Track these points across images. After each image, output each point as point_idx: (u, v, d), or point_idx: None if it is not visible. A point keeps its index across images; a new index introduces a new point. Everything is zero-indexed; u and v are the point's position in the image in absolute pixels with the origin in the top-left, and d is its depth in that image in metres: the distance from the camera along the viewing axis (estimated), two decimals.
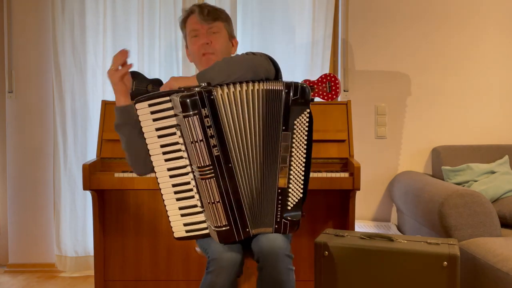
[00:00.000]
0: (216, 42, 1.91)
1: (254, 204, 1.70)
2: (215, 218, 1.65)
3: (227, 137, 1.63)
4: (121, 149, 1.91)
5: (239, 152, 1.66)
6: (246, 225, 1.67)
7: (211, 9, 1.94)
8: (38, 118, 3.32)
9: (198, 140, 1.58)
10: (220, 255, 1.67)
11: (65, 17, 3.20)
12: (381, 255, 1.92)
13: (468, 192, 2.37)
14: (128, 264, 2.75)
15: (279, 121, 1.66)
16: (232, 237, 1.67)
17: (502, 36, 3.30)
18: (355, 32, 3.29)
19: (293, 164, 1.69)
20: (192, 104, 1.56)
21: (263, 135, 1.68)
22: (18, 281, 3.14)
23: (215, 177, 1.61)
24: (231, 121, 1.64)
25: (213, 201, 1.63)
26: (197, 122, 1.57)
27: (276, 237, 1.71)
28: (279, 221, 1.71)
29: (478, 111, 3.31)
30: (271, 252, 1.68)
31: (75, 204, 3.24)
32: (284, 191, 1.69)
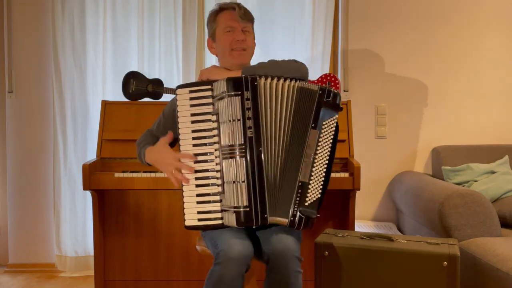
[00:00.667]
0: (249, 41, 2.00)
1: (275, 191, 1.73)
2: (237, 198, 1.68)
3: (261, 123, 1.71)
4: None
5: (269, 138, 1.73)
6: (265, 210, 1.69)
7: (246, 10, 2.03)
8: (38, 118, 3.32)
9: (236, 119, 1.68)
10: (230, 247, 1.67)
11: (65, 17, 3.20)
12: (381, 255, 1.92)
13: (468, 192, 2.37)
14: (128, 264, 2.75)
15: (309, 118, 1.75)
16: (250, 221, 1.68)
17: (502, 37, 3.30)
18: (355, 32, 3.29)
19: (316, 162, 1.75)
20: (237, 85, 1.69)
21: (291, 128, 1.75)
22: (18, 281, 3.14)
23: (245, 157, 1.68)
24: (268, 109, 1.73)
25: (239, 180, 1.67)
26: (238, 102, 1.68)
27: (287, 238, 1.73)
28: (295, 213, 1.73)
29: (478, 111, 3.31)
30: (283, 253, 1.70)
31: (75, 204, 3.24)
32: (304, 185, 1.74)
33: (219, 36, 2.02)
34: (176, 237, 2.75)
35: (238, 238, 1.72)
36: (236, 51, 1.97)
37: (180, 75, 3.26)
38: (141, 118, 2.72)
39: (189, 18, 3.24)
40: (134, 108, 2.75)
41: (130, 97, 2.89)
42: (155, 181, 2.47)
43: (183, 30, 3.24)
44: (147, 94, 2.93)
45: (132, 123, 2.71)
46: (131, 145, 2.64)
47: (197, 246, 2.07)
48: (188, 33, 3.24)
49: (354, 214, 2.55)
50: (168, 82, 3.21)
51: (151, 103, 2.82)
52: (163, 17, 3.25)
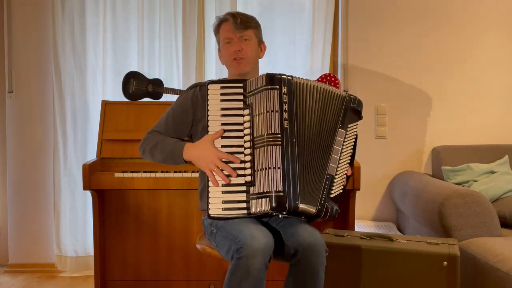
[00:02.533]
0: (247, 49, 2.05)
1: (306, 181, 1.81)
2: (271, 183, 1.74)
3: (295, 116, 1.81)
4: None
5: (302, 131, 1.83)
6: (296, 197, 1.76)
7: (243, 18, 2.06)
8: (38, 118, 3.32)
9: (274, 110, 1.78)
10: (254, 238, 1.70)
11: (65, 17, 3.20)
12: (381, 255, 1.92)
13: (468, 192, 2.37)
14: (128, 264, 2.75)
15: (338, 119, 1.90)
16: (282, 205, 1.73)
17: (502, 36, 3.30)
18: (355, 32, 3.29)
19: (342, 159, 1.89)
20: (277, 80, 1.81)
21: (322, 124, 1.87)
22: (18, 281, 3.14)
23: (281, 145, 1.76)
24: (301, 105, 1.84)
25: (275, 166, 1.75)
26: (276, 95, 1.78)
27: (315, 232, 1.81)
28: (323, 203, 1.81)
29: (478, 111, 3.31)
30: (314, 245, 1.76)
31: (75, 204, 3.24)
32: (331, 178, 1.85)
33: (222, 48, 2.10)
34: (176, 237, 2.75)
35: (258, 227, 1.77)
36: (235, 61, 2.04)
37: (180, 75, 3.26)
38: (141, 118, 2.73)
39: (189, 19, 3.24)
40: (134, 108, 2.75)
41: (130, 97, 2.89)
42: (155, 181, 2.48)
43: (183, 30, 3.24)
44: (147, 94, 2.93)
45: (132, 123, 2.72)
46: (131, 145, 2.65)
47: (197, 245, 2.07)
48: (188, 33, 3.24)
49: (354, 214, 2.55)
50: (168, 82, 3.21)
51: (151, 103, 2.82)
52: (163, 17, 3.25)
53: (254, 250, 1.68)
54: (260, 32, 2.12)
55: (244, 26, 2.04)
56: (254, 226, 1.78)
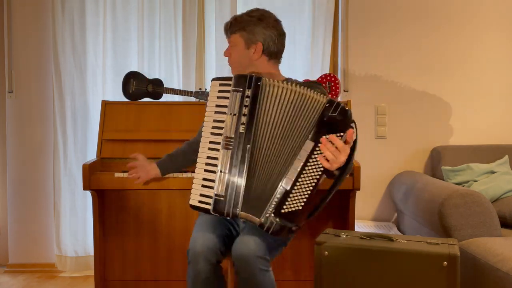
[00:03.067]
0: (234, 54, 2.07)
1: (254, 189, 1.77)
2: (218, 187, 1.78)
3: (256, 122, 1.77)
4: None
5: (260, 138, 1.78)
6: (237, 204, 1.76)
7: (233, 22, 2.06)
8: (38, 118, 3.32)
9: (233, 113, 1.78)
10: (194, 242, 1.82)
11: (65, 17, 3.20)
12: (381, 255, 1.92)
13: (468, 192, 2.37)
14: (128, 264, 2.75)
15: (309, 129, 1.74)
16: (222, 210, 1.77)
17: (502, 36, 3.30)
18: (355, 32, 3.29)
19: (304, 174, 1.72)
20: (241, 81, 1.80)
21: (286, 132, 1.77)
22: (18, 281, 3.14)
23: (231, 150, 1.77)
24: (266, 109, 1.78)
25: (223, 170, 1.78)
26: (238, 98, 1.78)
27: (249, 239, 1.79)
28: (268, 216, 1.74)
29: (478, 111, 3.31)
30: (242, 255, 1.77)
31: (75, 204, 3.24)
32: (285, 192, 1.73)
33: None
34: (176, 237, 2.75)
35: (205, 231, 1.86)
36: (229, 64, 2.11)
37: (180, 75, 3.26)
38: (141, 118, 2.72)
39: (189, 19, 3.24)
40: (134, 108, 2.75)
41: (130, 97, 2.89)
42: (155, 181, 2.47)
43: (183, 30, 3.24)
44: (147, 94, 2.93)
45: (132, 123, 2.71)
46: (131, 145, 2.65)
47: None
48: (188, 33, 3.24)
49: (354, 214, 2.54)
50: (168, 82, 3.21)
51: (151, 103, 2.82)
52: (163, 17, 3.25)
53: (196, 254, 1.79)
54: (251, 33, 2.03)
55: (231, 31, 2.06)
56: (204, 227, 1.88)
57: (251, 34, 2.03)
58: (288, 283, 2.70)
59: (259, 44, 2.04)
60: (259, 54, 2.05)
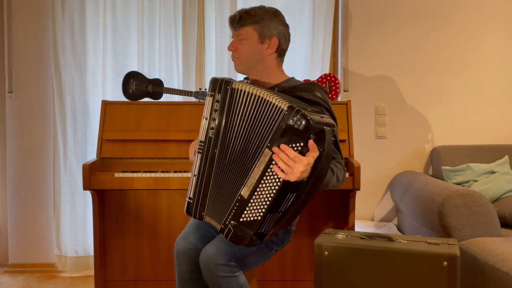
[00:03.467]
0: (242, 49, 1.95)
1: (217, 196, 1.79)
2: (189, 189, 1.83)
3: (224, 127, 1.77)
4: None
5: (226, 143, 1.77)
6: (203, 208, 1.81)
7: (243, 15, 1.92)
8: (38, 118, 3.32)
9: (205, 117, 1.80)
10: (176, 245, 1.92)
11: (65, 17, 3.20)
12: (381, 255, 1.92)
13: (468, 192, 2.37)
14: (128, 264, 2.75)
15: (267, 137, 1.65)
16: (191, 212, 1.83)
17: (502, 36, 3.30)
18: (355, 32, 3.29)
19: (263, 184, 1.65)
20: (213, 86, 1.80)
21: (246, 139, 1.73)
22: (18, 281, 3.14)
23: (201, 154, 1.80)
24: (233, 114, 1.76)
25: (194, 174, 1.81)
26: (210, 102, 1.79)
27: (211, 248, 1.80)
28: (227, 224, 1.73)
29: (478, 111, 3.31)
30: (202, 262, 1.80)
31: (75, 204, 3.24)
32: (243, 201, 1.68)
33: None
34: (176, 237, 2.72)
35: (187, 232, 1.95)
36: (232, 58, 2.01)
37: (180, 75, 3.26)
38: (141, 118, 2.72)
39: (189, 19, 3.24)
40: (134, 108, 2.75)
41: (130, 97, 2.89)
42: (155, 181, 2.47)
43: (183, 30, 3.24)
44: (147, 94, 2.92)
45: (132, 123, 2.71)
46: (131, 145, 2.65)
47: None
48: (188, 33, 3.24)
49: (354, 214, 2.55)
50: (168, 82, 3.21)
51: (151, 103, 2.82)
52: (163, 17, 3.25)
53: (177, 255, 1.91)
54: (266, 26, 1.92)
55: (241, 24, 1.91)
56: (188, 228, 1.99)
57: (266, 28, 1.92)
58: (288, 283, 2.70)
59: (274, 39, 1.94)
60: (273, 49, 1.95)
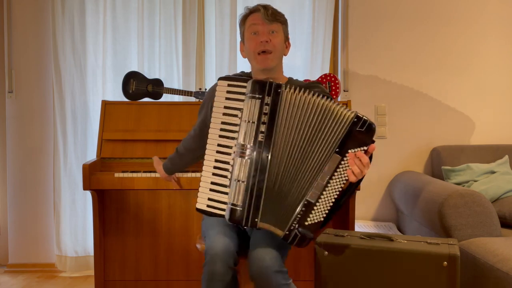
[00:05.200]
0: (275, 41, 1.95)
1: (277, 200, 1.74)
2: (234, 196, 1.74)
3: (276, 130, 1.73)
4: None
5: (282, 148, 1.73)
6: (256, 215, 1.73)
7: (274, 11, 1.97)
8: (38, 118, 3.32)
9: (251, 121, 1.73)
10: (213, 243, 1.76)
11: (65, 17, 3.20)
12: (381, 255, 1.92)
13: (468, 192, 2.37)
14: (128, 264, 2.75)
15: (335, 142, 1.71)
16: (240, 220, 1.73)
17: (502, 37, 3.30)
18: (355, 32, 3.29)
19: (329, 187, 1.72)
20: (260, 88, 1.73)
21: (310, 144, 1.73)
22: (18, 281, 3.14)
23: (250, 159, 1.72)
24: (287, 119, 1.73)
25: (240, 179, 1.73)
26: (257, 105, 1.73)
27: (265, 254, 1.75)
28: (292, 229, 1.73)
29: (478, 111, 3.31)
30: (260, 272, 1.73)
31: (75, 204, 3.24)
32: (309, 205, 1.72)
33: (246, 39, 1.99)
34: (176, 237, 2.75)
35: (222, 234, 1.81)
36: (261, 55, 1.94)
37: (180, 75, 3.26)
38: (141, 118, 2.73)
39: (189, 18, 3.24)
40: (134, 108, 2.75)
41: (130, 97, 2.89)
42: (155, 181, 2.47)
43: (183, 30, 3.24)
44: (147, 94, 2.93)
45: (132, 123, 2.72)
46: (131, 145, 2.65)
47: (197, 244, 2.07)
48: (188, 33, 3.24)
49: (354, 214, 2.55)
50: (168, 82, 3.21)
51: (151, 103, 2.82)
52: (163, 17, 3.25)
53: (213, 256, 1.74)
54: (287, 30, 2.02)
55: (274, 18, 1.94)
56: (219, 230, 1.83)
57: (287, 30, 2.02)
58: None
59: (289, 42, 2.04)
60: (288, 51, 2.05)
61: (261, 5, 1.98)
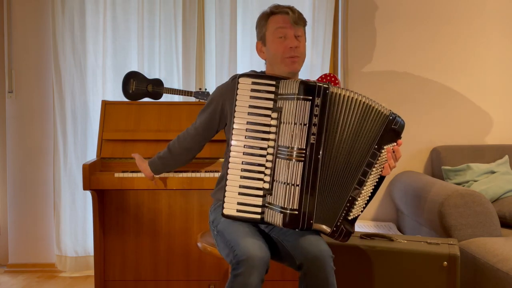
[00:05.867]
0: (302, 47, 1.94)
1: (325, 200, 1.74)
2: (287, 200, 1.69)
3: (325, 130, 1.71)
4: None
5: (330, 148, 1.73)
6: (311, 216, 1.71)
7: (300, 14, 1.94)
8: (38, 118, 3.32)
9: (303, 123, 1.68)
10: (251, 255, 1.65)
11: (65, 17, 3.20)
12: (381, 255, 1.92)
13: (468, 192, 2.37)
14: (128, 264, 2.75)
15: (374, 139, 1.76)
16: (296, 223, 1.70)
17: (502, 37, 3.30)
18: (355, 32, 3.29)
19: (368, 182, 1.76)
20: (310, 89, 1.69)
21: (353, 141, 1.75)
22: (18, 281, 3.14)
23: (303, 162, 1.68)
24: (334, 119, 1.73)
25: (293, 183, 1.68)
26: (308, 107, 1.68)
27: (318, 240, 1.75)
28: (339, 225, 1.75)
29: (478, 111, 3.31)
30: (318, 255, 1.70)
31: (75, 204, 3.24)
32: (353, 200, 1.76)
33: (270, 41, 1.93)
34: (176, 237, 2.75)
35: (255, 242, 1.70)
36: (289, 58, 1.90)
37: (180, 75, 3.26)
38: (141, 118, 2.73)
39: (189, 18, 3.24)
40: (134, 108, 2.76)
41: (130, 97, 2.89)
42: (155, 181, 2.47)
43: (183, 30, 3.24)
44: (147, 94, 2.93)
45: (132, 123, 2.72)
46: (131, 145, 2.65)
47: (198, 243, 2.07)
48: (188, 33, 3.24)
49: None
50: (168, 82, 3.21)
51: (151, 103, 2.82)
52: (163, 17, 3.25)
53: (251, 267, 1.64)
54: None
55: (302, 22, 1.92)
56: (251, 238, 1.72)
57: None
58: (288, 283, 2.70)
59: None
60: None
61: (288, 7, 1.94)
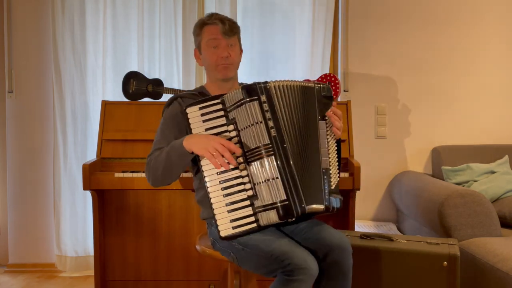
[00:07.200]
0: (234, 55, 2.05)
1: (306, 182, 1.79)
2: (273, 195, 1.75)
3: (280, 121, 1.80)
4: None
5: (288, 134, 1.81)
6: (301, 200, 1.75)
7: (231, 23, 2.05)
8: (38, 118, 3.32)
9: (258, 122, 1.77)
10: (309, 265, 1.67)
11: (65, 17, 3.20)
12: (381, 255, 1.93)
13: (468, 192, 2.37)
14: (128, 264, 2.75)
15: (315, 112, 1.87)
16: (291, 212, 1.73)
17: (502, 37, 3.30)
18: (355, 32, 3.29)
19: (330, 149, 1.87)
20: (254, 90, 1.79)
21: (304, 122, 1.85)
22: (18, 281, 3.14)
23: (274, 155, 1.76)
24: (281, 108, 1.82)
25: (273, 177, 1.75)
26: (257, 106, 1.78)
27: (338, 232, 1.83)
28: (327, 198, 1.79)
29: (478, 111, 3.31)
30: (343, 246, 1.78)
31: (75, 204, 3.24)
32: (327, 171, 1.83)
33: (204, 50, 2.05)
34: (176, 237, 2.75)
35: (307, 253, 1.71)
36: (222, 65, 2.02)
37: (180, 75, 3.26)
38: (141, 118, 2.73)
39: (189, 18, 3.24)
40: (134, 108, 2.75)
41: (130, 97, 2.89)
42: None
43: (183, 30, 3.24)
44: (147, 94, 2.93)
45: (132, 123, 2.72)
46: (131, 145, 2.65)
47: (197, 246, 2.07)
48: (188, 33, 3.24)
49: (354, 214, 2.55)
50: (168, 82, 3.21)
51: (151, 103, 2.82)
52: (163, 17, 3.25)
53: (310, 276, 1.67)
54: (240, 36, 2.11)
55: (232, 32, 2.04)
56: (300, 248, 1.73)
57: (240, 38, 2.12)
58: None
59: (242, 49, 2.15)
60: (241, 57, 2.14)
61: (219, 17, 2.04)
